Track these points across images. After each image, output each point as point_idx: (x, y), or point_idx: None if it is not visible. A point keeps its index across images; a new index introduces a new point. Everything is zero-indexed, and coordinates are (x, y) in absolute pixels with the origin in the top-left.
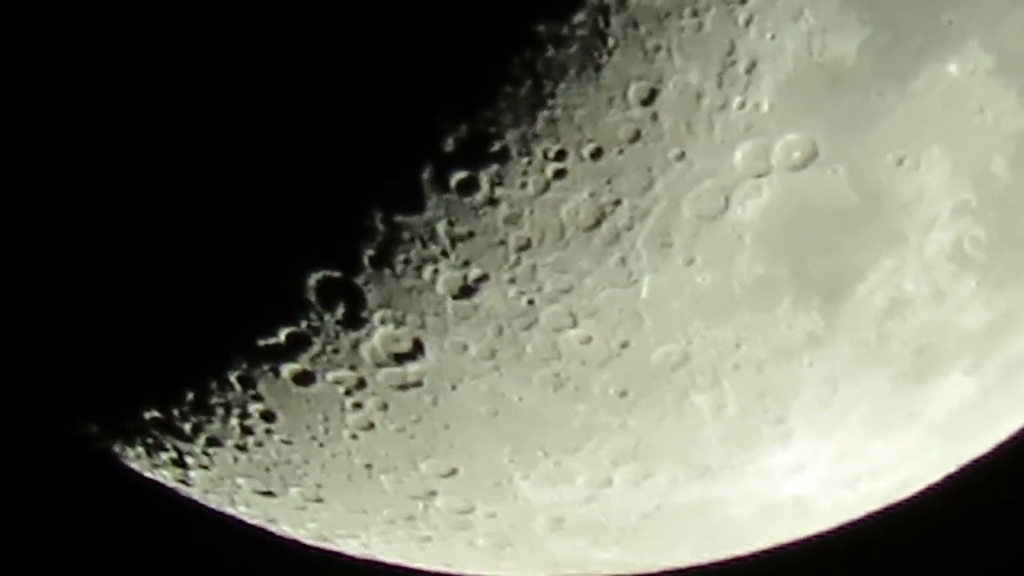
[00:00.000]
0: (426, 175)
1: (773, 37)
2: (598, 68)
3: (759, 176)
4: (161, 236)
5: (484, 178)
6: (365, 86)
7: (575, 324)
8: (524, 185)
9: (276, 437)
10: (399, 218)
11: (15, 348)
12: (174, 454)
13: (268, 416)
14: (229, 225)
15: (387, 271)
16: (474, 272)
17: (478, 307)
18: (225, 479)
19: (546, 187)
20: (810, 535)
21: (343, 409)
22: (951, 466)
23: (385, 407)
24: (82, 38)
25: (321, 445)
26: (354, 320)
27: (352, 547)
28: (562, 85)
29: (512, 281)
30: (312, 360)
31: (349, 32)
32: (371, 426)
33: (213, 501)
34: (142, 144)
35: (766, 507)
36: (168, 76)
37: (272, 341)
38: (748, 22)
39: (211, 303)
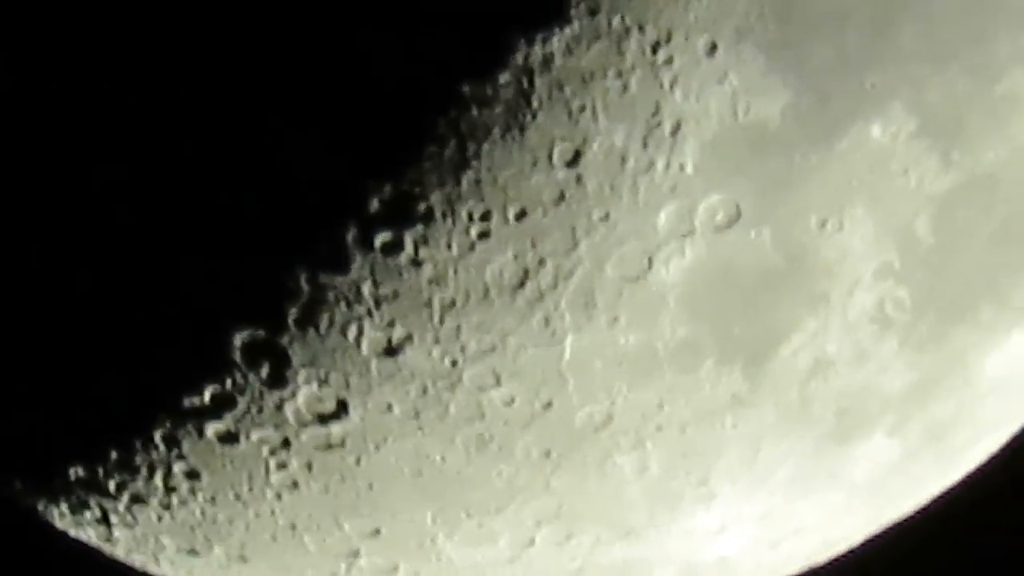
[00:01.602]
0: (351, 236)
1: (698, 99)
2: (523, 129)
3: (683, 237)
4: (88, 295)
5: (409, 239)
6: (290, 146)
7: (498, 384)
8: (448, 246)
9: (200, 496)
10: (324, 278)
11: None
12: (98, 512)
13: (192, 475)
14: (154, 285)
15: (311, 331)
16: (398, 332)
17: (402, 367)
18: (149, 538)
19: (470, 248)
20: None
21: (267, 468)
22: (874, 527)
23: (309, 467)
24: None
25: (245, 504)
26: (278, 380)
27: None
28: (486, 146)
29: (436, 341)
30: (236, 419)
31: (274, 92)
32: (295, 485)
33: (137, 560)
34: (66, 203)
35: (689, 568)
36: (101, 135)
37: (197, 400)
38: (673, 84)
39: (136, 362)
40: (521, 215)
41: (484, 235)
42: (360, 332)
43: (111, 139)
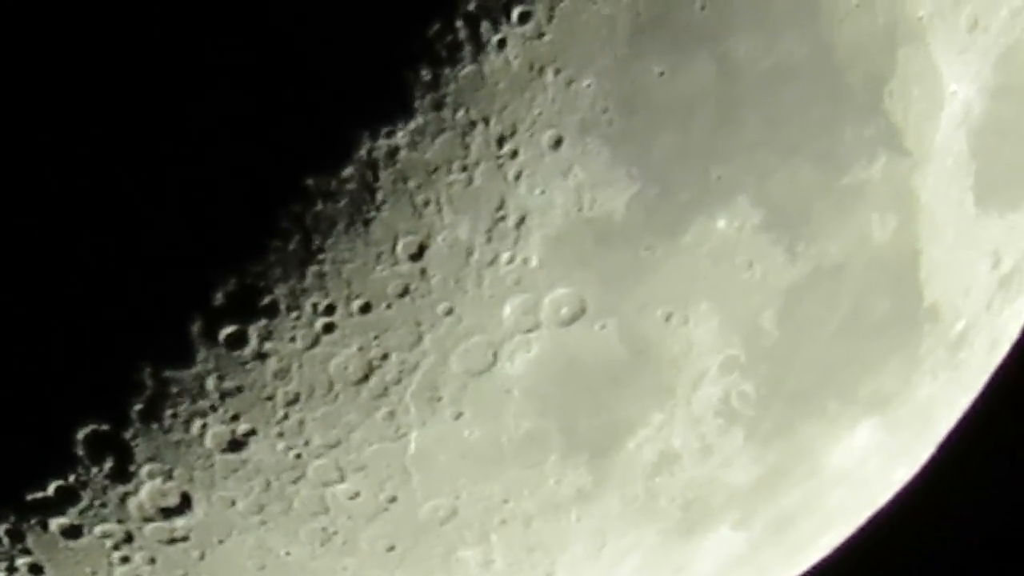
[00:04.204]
0: (195, 329)
1: (543, 192)
2: (367, 222)
3: (528, 331)
4: None
5: (253, 332)
6: (133, 238)
7: (343, 479)
8: (293, 339)
9: None
10: (168, 372)
11: None
12: None
13: (36, 569)
14: None
15: (155, 425)
16: (242, 426)
17: (246, 461)
18: None
19: (315, 341)
20: None
21: (111, 563)
22: None
23: (153, 561)
24: None
25: None
26: (122, 474)
27: None
28: (331, 239)
29: (280, 435)
30: (80, 513)
31: (118, 181)
32: None
33: None
34: None
35: None
36: None
37: (40, 494)
38: (518, 177)
39: None
40: (365, 309)
41: (329, 329)
42: (204, 426)
43: None
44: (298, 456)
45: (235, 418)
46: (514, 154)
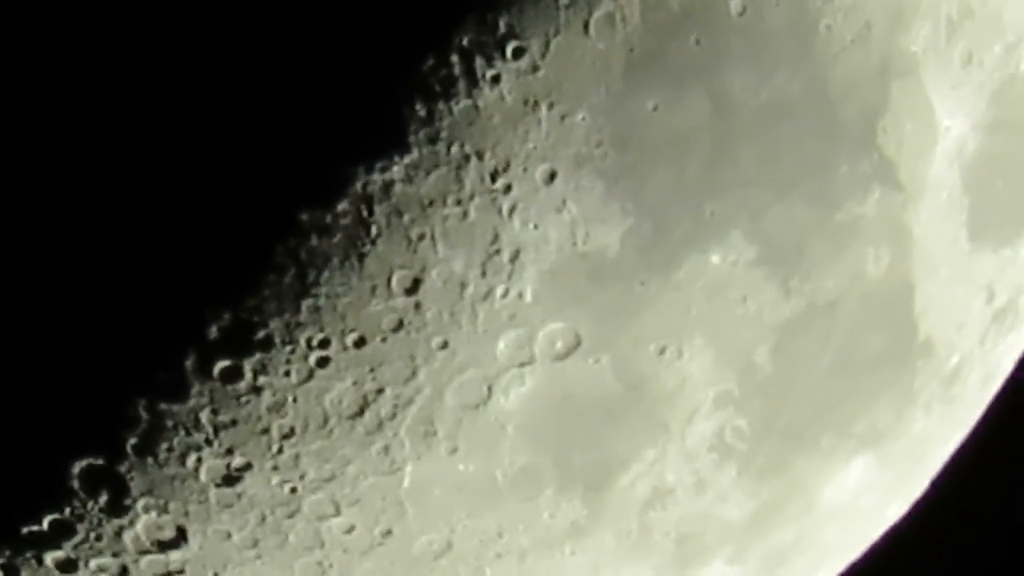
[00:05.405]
0: (190, 363)
1: (536, 227)
2: (361, 257)
3: (522, 365)
4: None
5: (247, 367)
6: (127, 273)
7: (338, 513)
8: (287, 373)
9: None
10: (162, 406)
11: None
12: None
13: None
14: None
15: (150, 459)
16: (237, 460)
17: (241, 495)
18: None
19: (309, 376)
20: None
21: None
22: None
23: None
24: None
25: None
26: (117, 507)
27: None
28: (325, 274)
29: (275, 469)
30: (75, 547)
31: (112, 216)
32: None
33: None
34: None
35: None
36: None
37: (35, 528)
38: (512, 212)
39: None
40: (360, 343)
41: (323, 363)
42: (199, 460)
43: None
44: (293, 490)
45: (230, 452)
46: (508, 188)
